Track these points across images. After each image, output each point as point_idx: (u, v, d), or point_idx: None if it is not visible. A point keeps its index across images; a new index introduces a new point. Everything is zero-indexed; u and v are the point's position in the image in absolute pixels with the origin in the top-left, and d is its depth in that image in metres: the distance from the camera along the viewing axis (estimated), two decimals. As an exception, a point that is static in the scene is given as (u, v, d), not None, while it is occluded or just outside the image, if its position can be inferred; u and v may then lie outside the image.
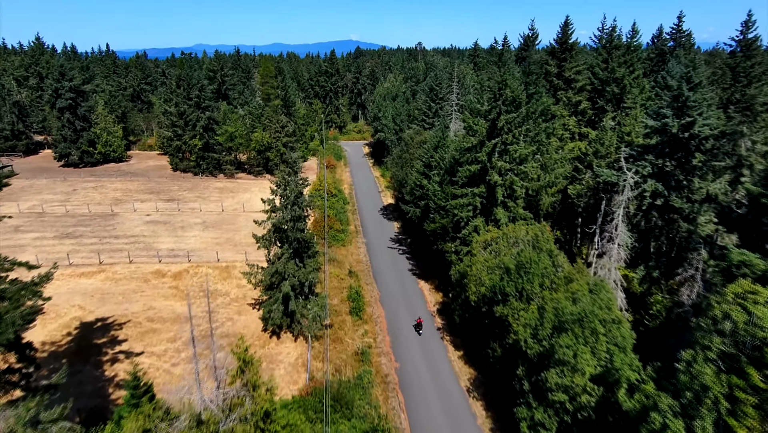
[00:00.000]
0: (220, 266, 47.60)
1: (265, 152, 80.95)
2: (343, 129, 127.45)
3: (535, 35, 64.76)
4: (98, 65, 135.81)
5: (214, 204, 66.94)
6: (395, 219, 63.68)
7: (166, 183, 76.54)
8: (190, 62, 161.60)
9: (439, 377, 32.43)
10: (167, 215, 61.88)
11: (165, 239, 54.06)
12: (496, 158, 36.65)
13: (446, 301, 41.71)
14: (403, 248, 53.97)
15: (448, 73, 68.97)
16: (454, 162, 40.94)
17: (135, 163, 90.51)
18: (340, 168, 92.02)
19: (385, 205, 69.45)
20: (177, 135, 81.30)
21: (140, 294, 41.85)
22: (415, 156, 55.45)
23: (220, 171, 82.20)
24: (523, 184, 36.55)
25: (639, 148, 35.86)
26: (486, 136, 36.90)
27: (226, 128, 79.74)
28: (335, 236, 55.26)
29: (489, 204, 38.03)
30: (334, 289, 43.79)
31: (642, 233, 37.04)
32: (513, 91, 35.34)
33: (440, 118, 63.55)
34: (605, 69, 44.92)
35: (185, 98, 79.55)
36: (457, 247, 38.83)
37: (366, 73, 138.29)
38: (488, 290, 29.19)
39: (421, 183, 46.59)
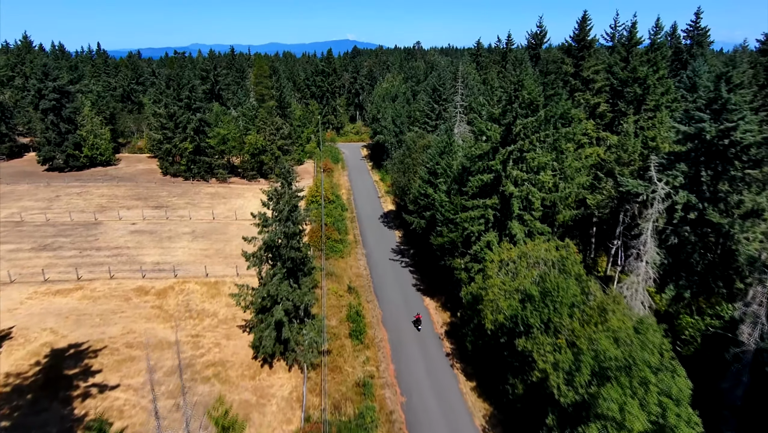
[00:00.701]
0: (209, 281, 43.98)
1: (259, 156, 77.34)
2: (341, 130, 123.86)
3: (543, 33, 61.42)
4: (88, 65, 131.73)
5: (205, 211, 63.27)
6: (396, 227, 60.19)
7: (155, 188, 72.77)
8: (183, 62, 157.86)
9: (451, 413, 28.94)
10: (154, 224, 58.17)
11: (150, 251, 50.37)
12: (511, 167, 33.21)
13: (455, 321, 38.24)
14: (405, 260, 50.47)
15: (452, 72, 65.52)
16: (463, 170, 37.48)
17: (124, 166, 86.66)
18: (338, 171, 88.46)
19: (386, 212, 65.94)
20: (167, 138, 77.56)
21: (120, 315, 38.18)
22: (419, 161, 51.96)
23: (212, 175, 78.49)
24: (541, 196, 33.13)
25: (669, 155, 32.48)
26: (500, 143, 33.45)
27: (218, 130, 76.08)
28: (333, 246, 51.71)
29: (503, 217, 34.59)
30: (332, 308, 40.25)
31: (670, 249, 33.70)
32: (530, 93, 31.90)
33: (444, 120, 60.07)
34: (624, 68, 41.54)
35: (175, 99, 75.80)
36: (467, 263, 35.38)
37: (364, 73, 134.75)
38: (507, 319, 25.74)
39: (426, 192, 43.12)
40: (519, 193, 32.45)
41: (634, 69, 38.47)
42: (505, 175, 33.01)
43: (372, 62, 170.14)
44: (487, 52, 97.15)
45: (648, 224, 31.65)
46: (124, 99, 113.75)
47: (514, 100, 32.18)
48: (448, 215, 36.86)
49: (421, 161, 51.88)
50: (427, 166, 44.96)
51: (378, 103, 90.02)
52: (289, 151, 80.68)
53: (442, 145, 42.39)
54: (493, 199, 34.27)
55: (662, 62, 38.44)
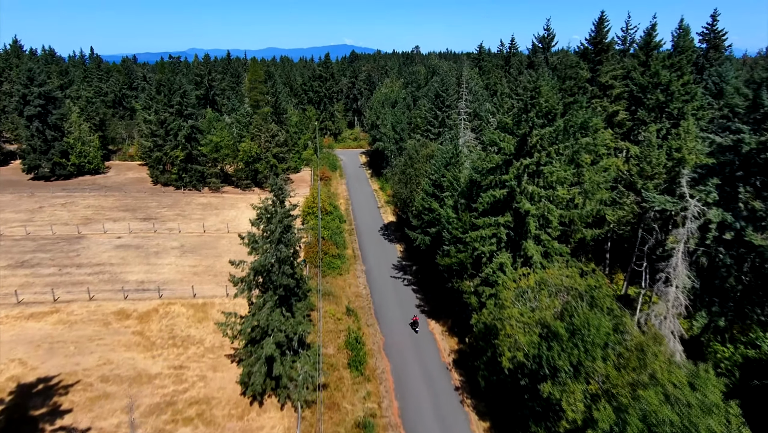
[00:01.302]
0: (196, 303, 40.71)
1: (253, 164, 74.20)
2: (339, 137, 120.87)
3: (551, 36, 58.66)
4: (80, 69, 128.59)
5: (196, 223, 60.01)
6: (397, 240, 57.03)
7: (144, 199, 69.50)
8: (178, 66, 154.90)
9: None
10: (141, 238, 54.89)
11: (135, 268, 47.08)
12: (526, 181, 30.16)
13: (463, 349, 35.07)
14: (407, 278, 47.29)
15: (455, 78, 62.67)
16: (471, 184, 34.42)
17: (113, 175, 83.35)
18: (336, 180, 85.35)
19: (386, 224, 62.81)
20: (157, 145, 74.37)
21: (97, 343, 34.86)
22: (421, 172, 48.92)
23: (204, 185, 75.29)
24: (561, 213, 30.08)
25: (700, 169, 29.48)
26: (513, 155, 30.41)
27: (210, 138, 72.96)
28: (330, 263, 48.52)
29: (517, 236, 31.50)
30: (329, 333, 37.02)
31: (702, 272, 30.67)
32: (548, 101, 28.89)
33: (448, 128, 57.12)
34: (643, 73, 38.64)
35: (166, 105, 72.67)
36: (477, 286, 32.24)
37: (362, 77, 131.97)
38: (529, 358, 22.58)
39: (430, 206, 40.03)
40: (536, 211, 29.37)
41: (656, 74, 35.58)
42: (520, 191, 29.94)
43: (370, 67, 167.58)
44: (488, 56, 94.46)
45: (679, 246, 28.62)
46: (115, 105, 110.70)
47: (530, 108, 29.17)
48: (456, 233, 33.75)
49: (424, 172, 48.84)
50: (431, 178, 41.90)
51: (377, 109, 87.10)
52: (285, 159, 77.61)
53: (448, 155, 39.36)
54: (506, 216, 31.19)
55: (687, 67, 35.59)
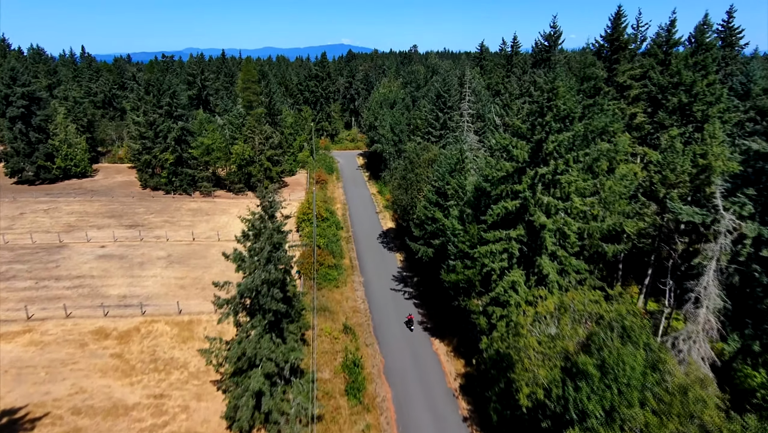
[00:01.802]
0: (181, 320, 37.79)
1: (246, 167, 71.24)
2: (335, 138, 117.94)
3: (558, 33, 55.95)
4: (71, 69, 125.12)
5: (185, 231, 57.02)
6: (397, 249, 54.19)
7: (132, 204, 66.45)
8: (171, 66, 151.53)
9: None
10: (126, 247, 51.87)
11: (117, 281, 44.11)
12: (541, 192, 27.39)
13: (471, 373, 32.27)
14: (408, 290, 44.46)
15: (457, 78, 59.86)
16: (480, 193, 31.63)
17: (101, 178, 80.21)
18: (332, 183, 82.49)
19: (385, 231, 59.96)
20: (146, 148, 71.31)
21: (71, 367, 31.90)
22: (423, 178, 46.11)
23: (195, 189, 72.28)
24: (580, 227, 27.33)
25: (734, 178, 26.78)
26: (527, 163, 27.63)
27: (201, 140, 69.92)
28: (326, 274, 45.65)
29: (531, 252, 28.73)
30: (325, 355, 34.17)
31: (733, 290, 28.01)
32: (566, 103, 26.11)
33: (450, 130, 54.31)
34: (662, 72, 35.92)
35: (155, 106, 69.61)
36: (486, 306, 29.45)
37: (359, 77, 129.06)
38: (552, 398, 19.79)
39: (433, 216, 37.22)
40: (552, 226, 26.60)
41: (678, 73, 32.88)
42: (534, 203, 27.17)
43: (368, 66, 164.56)
44: (490, 55, 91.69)
45: (711, 263, 25.92)
46: (105, 105, 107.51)
47: (546, 111, 26.38)
48: (463, 247, 30.94)
49: (425, 178, 46.04)
50: (435, 185, 39.08)
51: (375, 110, 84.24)
52: (280, 161, 74.67)
53: (453, 161, 36.54)
54: (518, 230, 28.41)
55: (712, 66, 32.92)
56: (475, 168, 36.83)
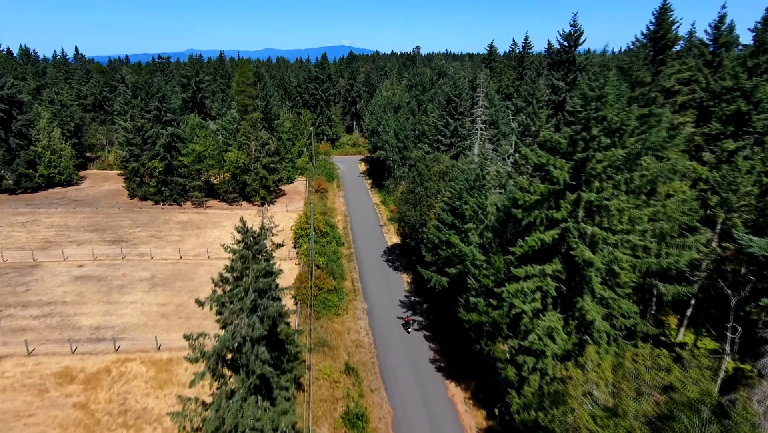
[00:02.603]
0: (160, 358, 33.09)
1: (241, 176, 66.60)
2: (336, 142, 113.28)
3: (579, 33, 51.23)
4: (62, 70, 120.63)
5: (172, 247, 52.34)
6: (404, 268, 49.44)
7: (117, 216, 61.78)
8: (167, 67, 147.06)
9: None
10: (106, 266, 47.20)
11: (92, 308, 39.44)
12: (583, 219, 22.68)
13: (494, 428, 27.52)
14: (418, 319, 39.70)
15: (468, 81, 55.13)
16: (506, 217, 26.92)
17: (87, 187, 75.56)
18: (333, 192, 77.80)
19: (390, 247, 55.22)
20: (133, 155, 66.65)
21: (25, 422, 27.20)
22: (433, 192, 41.41)
23: (186, 198, 67.65)
24: (633, 263, 22.61)
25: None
26: (568, 186, 22.92)
27: (192, 147, 65.30)
28: (326, 300, 40.93)
29: (570, 291, 24.00)
30: (323, 403, 29.41)
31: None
32: (618, 114, 21.41)
33: (462, 139, 49.63)
34: (712, 75, 31.21)
35: (143, 110, 64.99)
36: (515, 354, 24.73)
37: (361, 79, 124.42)
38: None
39: (448, 239, 32.48)
40: (600, 262, 21.86)
41: (735, 77, 28.28)
42: (578, 235, 22.44)
43: (369, 68, 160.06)
44: (499, 57, 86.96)
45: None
46: (95, 108, 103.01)
47: (592, 124, 21.68)
48: (486, 282, 26.23)
49: (436, 192, 41.32)
50: (449, 204, 34.35)
51: (378, 114, 79.59)
52: (277, 169, 70.00)
53: (471, 177, 31.83)
54: (554, 264, 23.72)
55: (778, 68, 28.45)
56: (497, 185, 32.12)
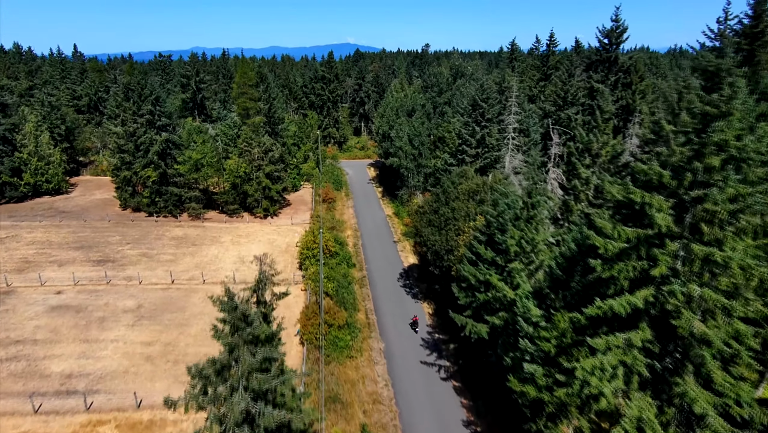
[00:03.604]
0: (139, 420, 27.54)
1: (241, 185, 61.08)
2: (344, 145, 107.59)
3: (621, 29, 45.25)
4: (57, 69, 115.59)
5: (164, 268, 46.90)
6: (423, 295, 43.70)
7: (106, 231, 56.39)
8: (169, 66, 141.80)
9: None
10: (87, 293, 41.81)
11: (66, 348, 34.01)
12: (690, 277, 16.86)
13: None
14: (444, 364, 33.95)
15: (495, 83, 49.08)
16: (568, 264, 21.11)
17: (77, 195, 70.29)
18: (341, 201, 72.12)
19: (406, 269, 49.45)
20: (125, 163, 61.24)
21: None
22: (462, 214, 35.58)
23: (182, 210, 62.20)
24: (763, 335, 16.79)
25: None
26: (670, 232, 17.08)
27: (189, 154, 59.80)
28: (336, 339, 35.28)
29: (665, 369, 18.17)
30: (336, 489, 23.78)
31: None
32: (743, 135, 15.56)
33: (491, 149, 43.76)
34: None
35: (135, 114, 59.53)
36: (588, 446, 18.92)
37: (369, 79, 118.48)
38: None
39: (487, 280, 26.67)
40: (716, 338, 16.05)
41: None
42: (685, 300, 16.61)
43: (377, 67, 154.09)
44: (521, 55, 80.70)
45: None
46: (90, 109, 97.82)
47: (708, 150, 15.83)
48: (547, 347, 20.45)
49: (464, 214, 35.49)
50: (486, 233, 28.53)
51: (389, 117, 73.73)
52: (281, 178, 64.39)
53: (517, 205, 26.00)
54: (642, 331, 17.93)
55: None
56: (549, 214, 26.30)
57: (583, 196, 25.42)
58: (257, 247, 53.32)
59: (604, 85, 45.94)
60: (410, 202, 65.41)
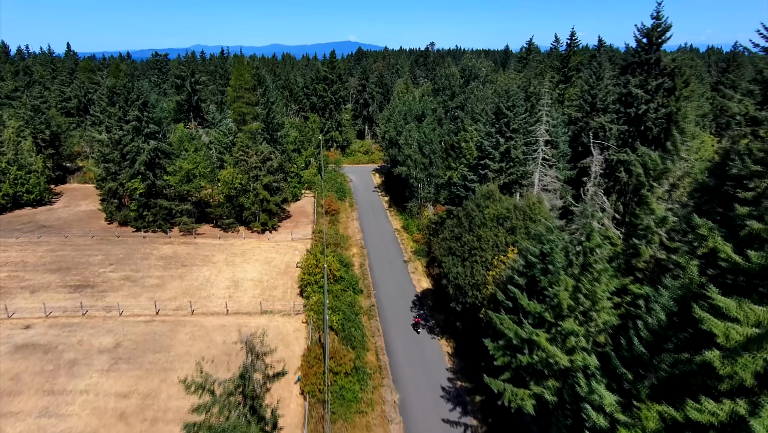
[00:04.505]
0: (103, 509, 22.51)
1: (237, 198, 55.99)
2: (347, 149, 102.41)
3: (664, 27, 40.02)
4: (48, 69, 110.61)
5: (148, 295, 41.93)
6: (440, 330, 38.56)
7: (88, 249, 51.38)
8: (166, 65, 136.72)
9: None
10: (60, 328, 36.81)
11: (27, 403, 29.02)
12: None
13: None
14: (470, 422, 28.89)
15: (522, 89, 43.69)
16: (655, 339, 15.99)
17: (61, 206, 65.28)
18: (345, 212, 67.02)
19: (420, 296, 44.36)
20: (110, 173, 56.18)
21: None
22: (490, 245, 30.45)
23: (173, 224, 57.15)
24: None
25: None
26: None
27: (180, 164, 54.71)
28: (343, 390, 30.21)
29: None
30: None
31: None
32: None
33: (517, 163, 38.59)
34: None
35: (120, 120, 54.45)
36: None
37: (373, 79, 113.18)
38: None
39: (530, 337, 21.51)
40: None
41: None
42: None
43: (381, 66, 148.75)
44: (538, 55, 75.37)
45: None
46: (80, 112, 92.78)
47: None
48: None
49: (493, 244, 30.33)
50: (528, 277, 23.39)
51: (397, 122, 68.53)
52: (280, 188, 59.32)
53: (572, 249, 20.85)
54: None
55: None
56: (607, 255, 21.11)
57: (656, 238, 20.35)
58: (253, 268, 48.30)
59: (644, 90, 40.74)
60: (420, 215, 60.31)
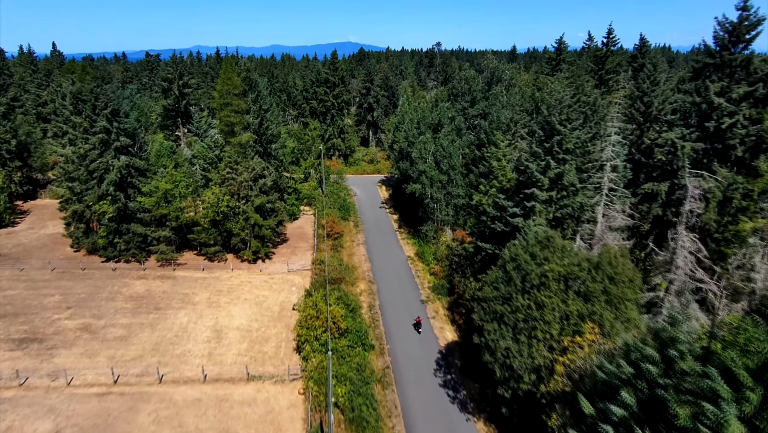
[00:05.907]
0: None
1: (224, 222, 47.74)
2: (350, 158, 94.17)
3: (753, 21, 31.91)
4: (28, 71, 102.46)
5: (108, 353, 33.67)
6: (475, 406, 30.25)
7: (45, 285, 43.13)
8: (157, 67, 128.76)
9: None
10: (-15, 407, 28.51)
11: None
12: None
13: None
14: None
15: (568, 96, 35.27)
16: None
17: (25, 228, 56.98)
18: (349, 235, 58.72)
19: (444, 352, 36.03)
20: (75, 193, 47.93)
21: None
22: (556, 316, 22.15)
23: (149, 252, 48.89)
24: None
25: None
26: None
27: (156, 183, 46.49)
28: None
29: None
30: None
31: None
32: None
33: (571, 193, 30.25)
34: None
35: (86, 131, 46.23)
36: None
37: (378, 81, 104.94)
38: None
39: None
40: None
41: None
42: None
43: (384, 68, 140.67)
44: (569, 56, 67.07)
45: None
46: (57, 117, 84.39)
47: None
48: None
49: (560, 315, 22.07)
50: (616, 384, 15.14)
51: (408, 131, 60.26)
52: (275, 210, 51.09)
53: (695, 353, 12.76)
54: None
55: None
56: None
57: None
58: (241, 311, 40.09)
59: (725, 99, 32.53)
60: (438, 240, 52.05)
